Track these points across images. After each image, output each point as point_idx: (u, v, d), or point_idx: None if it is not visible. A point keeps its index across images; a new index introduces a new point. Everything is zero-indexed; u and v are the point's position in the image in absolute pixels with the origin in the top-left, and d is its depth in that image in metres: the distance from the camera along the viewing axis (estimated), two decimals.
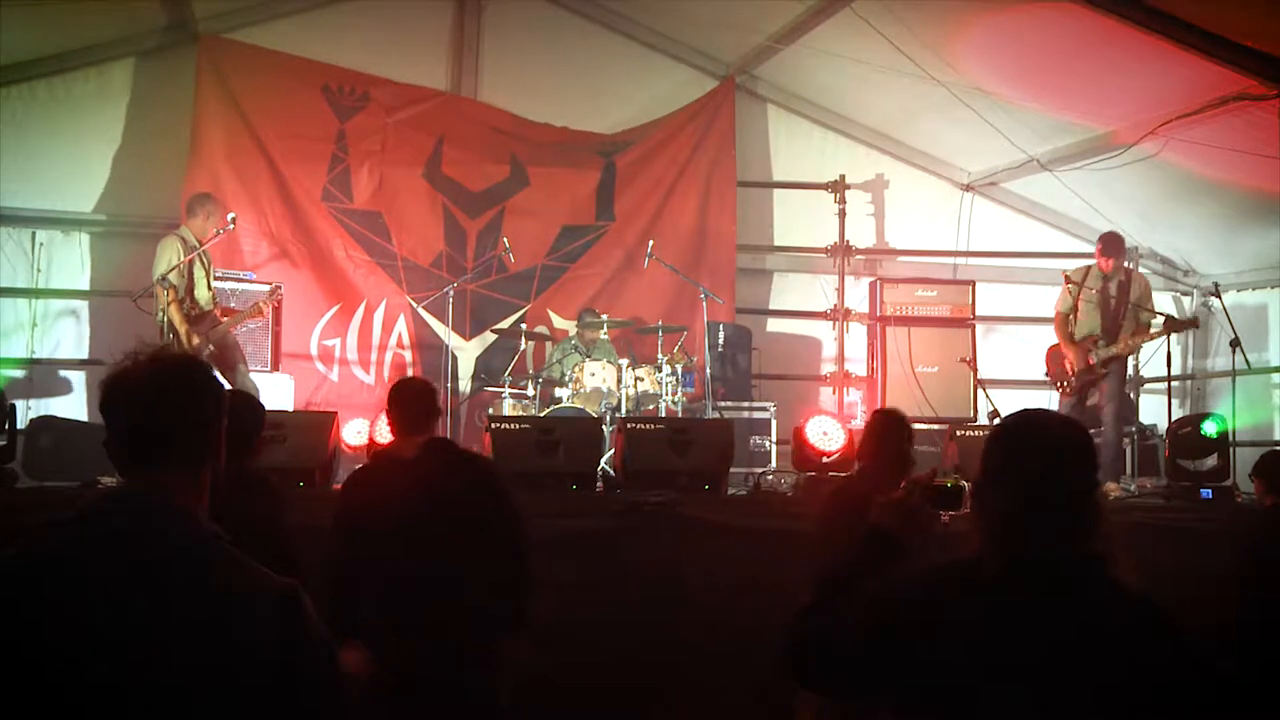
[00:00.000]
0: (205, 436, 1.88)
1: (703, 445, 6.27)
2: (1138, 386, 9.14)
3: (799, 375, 9.67)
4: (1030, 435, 2.08)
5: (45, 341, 8.57)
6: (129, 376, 1.85)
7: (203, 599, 1.71)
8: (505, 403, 7.90)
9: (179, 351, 1.98)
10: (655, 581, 5.60)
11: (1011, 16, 7.41)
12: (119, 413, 1.84)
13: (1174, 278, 10.12)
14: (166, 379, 1.86)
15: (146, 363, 1.88)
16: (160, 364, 1.89)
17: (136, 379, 1.85)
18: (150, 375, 1.85)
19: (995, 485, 2.04)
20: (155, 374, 1.86)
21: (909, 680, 1.95)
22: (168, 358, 1.93)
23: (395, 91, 9.14)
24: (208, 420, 1.89)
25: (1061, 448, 2.04)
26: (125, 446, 1.84)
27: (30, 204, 8.53)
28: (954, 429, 6.89)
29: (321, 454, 6.15)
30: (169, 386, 1.85)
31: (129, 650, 1.65)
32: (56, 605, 1.67)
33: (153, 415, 1.83)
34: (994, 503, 2.02)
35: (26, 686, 1.64)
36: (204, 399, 1.89)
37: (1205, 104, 7.34)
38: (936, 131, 9.49)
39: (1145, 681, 1.90)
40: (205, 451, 1.88)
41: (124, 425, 1.84)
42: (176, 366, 1.91)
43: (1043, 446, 2.04)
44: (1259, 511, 5.37)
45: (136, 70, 8.84)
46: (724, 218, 9.48)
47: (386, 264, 8.94)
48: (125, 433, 1.84)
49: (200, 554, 1.76)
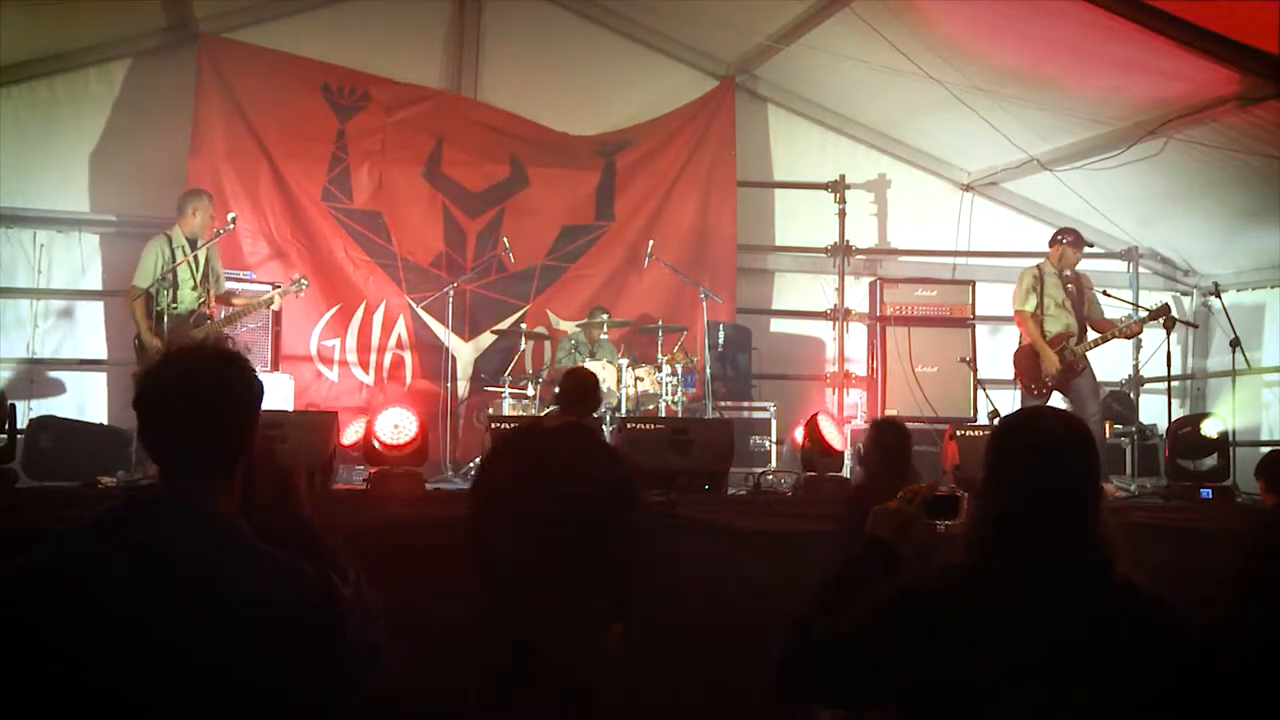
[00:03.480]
0: (241, 434, 1.84)
1: (703, 445, 6.27)
2: (1137, 386, 9.14)
3: (799, 375, 9.67)
4: (1032, 433, 2.08)
5: (45, 341, 8.57)
6: (164, 373, 1.82)
7: (237, 601, 1.68)
8: (505, 403, 7.90)
9: (215, 347, 1.92)
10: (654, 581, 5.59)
11: (1012, 15, 7.41)
12: (154, 410, 1.81)
13: (1174, 278, 10.13)
14: (202, 376, 1.81)
15: (181, 360, 1.84)
16: (196, 360, 1.84)
17: (170, 377, 1.81)
18: (184, 374, 1.81)
19: (998, 484, 2.04)
20: (190, 372, 1.81)
21: (913, 682, 1.95)
22: (204, 354, 1.89)
23: (395, 91, 9.14)
24: (243, 418, 1.85)
25: (1063, 445, 2.04)
26: (160, 444, 1.81)
27: (30, 204, 8.52)
28: (954, 429, 6.88)
29: (321, 454, 6.13)
30: (203, 386, 1.80)
31: (167, 653, 1.63)
32: (86, 609, 1.64)
33: (186, 416, 1.79)
34: (997, 501, 2.02)
35: (64, 689, 1.62)
36: (240, 397, 1.85)
37: (1205, 104, 7.34)
38: (936, 131, 9.49)
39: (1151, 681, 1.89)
40: (240, 449, 1.84)
41: (159, 423, 1.81)
42: (213, 363, 1.85)
43: (1045, 444, 2.04)
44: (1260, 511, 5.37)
45: (137, 70, 8.84)
46: (724, 217, 9.48)
47: (386, 264, 8.93)
48: (160, 431, 1.81)
49: (232, 556, 1.73)
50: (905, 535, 2.21)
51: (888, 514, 2.23)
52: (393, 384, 8.82)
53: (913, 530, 2.21)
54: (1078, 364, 7.33)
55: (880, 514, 2.24)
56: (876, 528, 2.22)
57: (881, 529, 2.22)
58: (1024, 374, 7.55)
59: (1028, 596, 1.93)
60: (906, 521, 2.21)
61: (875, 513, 2.25)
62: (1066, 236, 7.61)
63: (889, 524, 2.22)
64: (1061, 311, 7.44)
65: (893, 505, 2.24)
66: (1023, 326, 7.54)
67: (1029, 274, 7.57)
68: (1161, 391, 8.05)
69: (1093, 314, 7.54)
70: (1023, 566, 1.95)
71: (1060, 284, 7.49)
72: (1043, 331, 7.41)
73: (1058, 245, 7.60)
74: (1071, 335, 7.38)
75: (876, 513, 2.25)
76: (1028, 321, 7.47)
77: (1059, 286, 7.48)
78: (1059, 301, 7.45)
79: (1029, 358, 7.48)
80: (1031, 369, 7.45)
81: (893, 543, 2.20)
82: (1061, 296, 7.46)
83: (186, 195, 7.43)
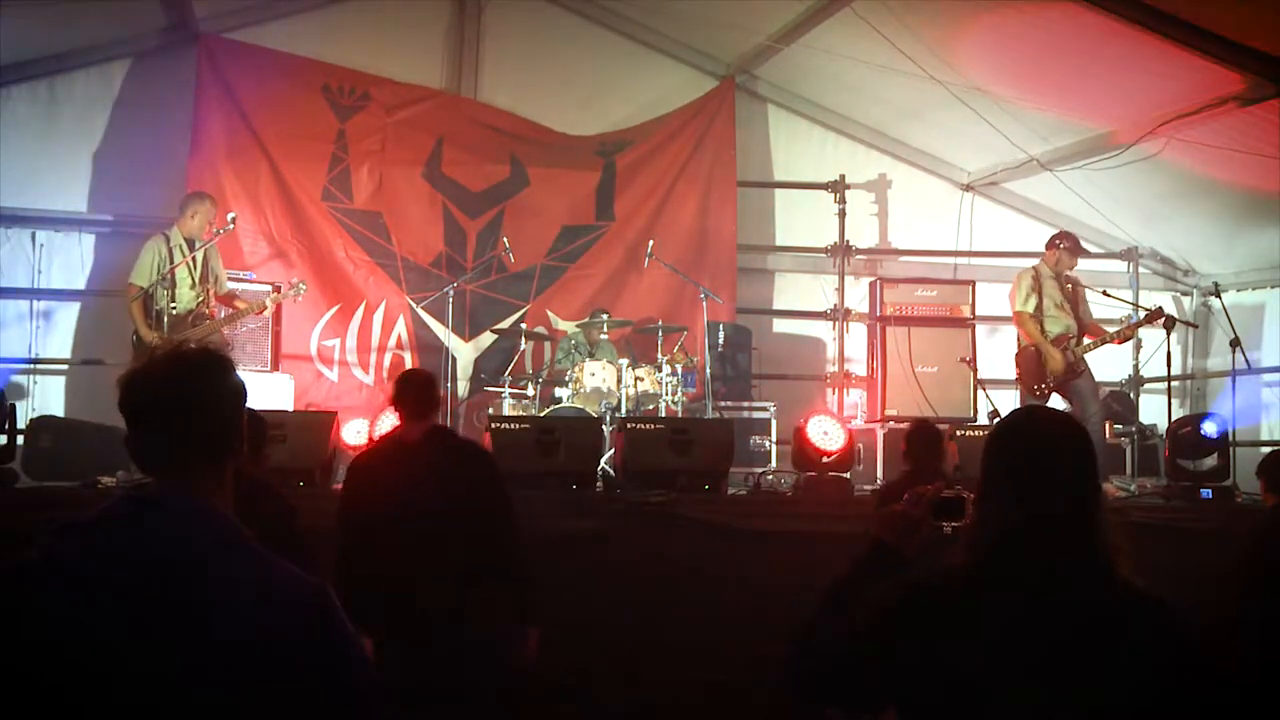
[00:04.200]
0: (228, 432, 1.84)
1: (703, 445, 6.27)
2: (1137, 386, 9.14)
3: (799, 375, 9.67)
4: (1031, 433, 2.08)
5: (45, 341, 8.57)
6: (149, 373, 1.81)
7: (235, 601, 1.68)
8: (505, 403, 7.90)
9: (199, 346, 1.92)
10: (655, 581, 5.60)
11: (1011, 16, 7.41)
12: (139, 411, 1.79)
13: (1174, 278, 10.13)
14: (187, 375, 1.81)
15: (166, 359, 1.84)
16: (180, 360, 1.84)
17: (157, 376, 1.80)
18: (171, 372, 1.81)
19: (998, 484, 2.04)
20: (176, 370, 1.81)
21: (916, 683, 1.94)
22: (188, 353, 1.89)
23: (395, 91, 9.14)
24: (230, 416, 1.84)
25: (1062, 445, 2.04)
26: (147, 445, 1.80)
27: (30, 204, 8.53)
28: (954, 429, 6.88)
29: (321, 454, 6.16)
30: (190, 383, 1.80)
31: (160, 653, 1.63)
32: (86, 607, 1.64)
33: (175, 413, 1.78)
34: (997, 502, 2.02)
35: (56, 690, 1.61)
36: (226, 394, 1.84)
37: (1205, 104, 7.35)
38: (936, 131, 9.49)
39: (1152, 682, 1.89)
40: (229, 448, 1.83)
41: (145, 424, 1.79)
42: (197, 361, 1.85)
43: (1044, 444, 2.04)
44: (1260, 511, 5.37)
45: (137, 70, 8.84)
46: (724, 218, 9.48)
47: (386, 264, 8.93)
48: (147, 431, 1.80)
49: (231, 555, 1.72)
50: (910, 537, 2.20)
51: (893, 516, 2.23)
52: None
53: (918, 532, 2.21)
54: (1078, 365, 7.34)
55: (885, 517, 2.24)
56: (881, 530, 2.22)
57: (886, 531, 2.22)
58: (1027, 374, 7.53)
59: (1028, 597, 1.93)
60: (912, 524, 2.21)
61: (880, 515, 2.25)
62: (1064, 241, 7.62)
63: (894, 526, 2.22)
64: (1060, 313, 7.45)
65: (898, 508, 2.23)
66: (1022, 328, 7.53)
67: (1027, 275, 7.57)
68: (1161, 391, 8.05)
69: (1085, 317, 7.55)
70: (1023, 568, 1.95)
71: (1058, 286, 7.50)
72: (1043, 332, 7.42)
73: (1054, 249, 7.60)
74: (1071, 337, 7.39)
75: (881, 515, 2.25)
76: (1028, 323, 7.46)
77: (1057, 288, 7.49)
78: (1057, 303, 7.45)
79: (1032, 358, 7.46)
80: (1035, 369, 7.44)
81: (897, 545, 2.20)
82: (1060, 298, 7.47)
83: (188, 197, 7.46)
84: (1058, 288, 7.49)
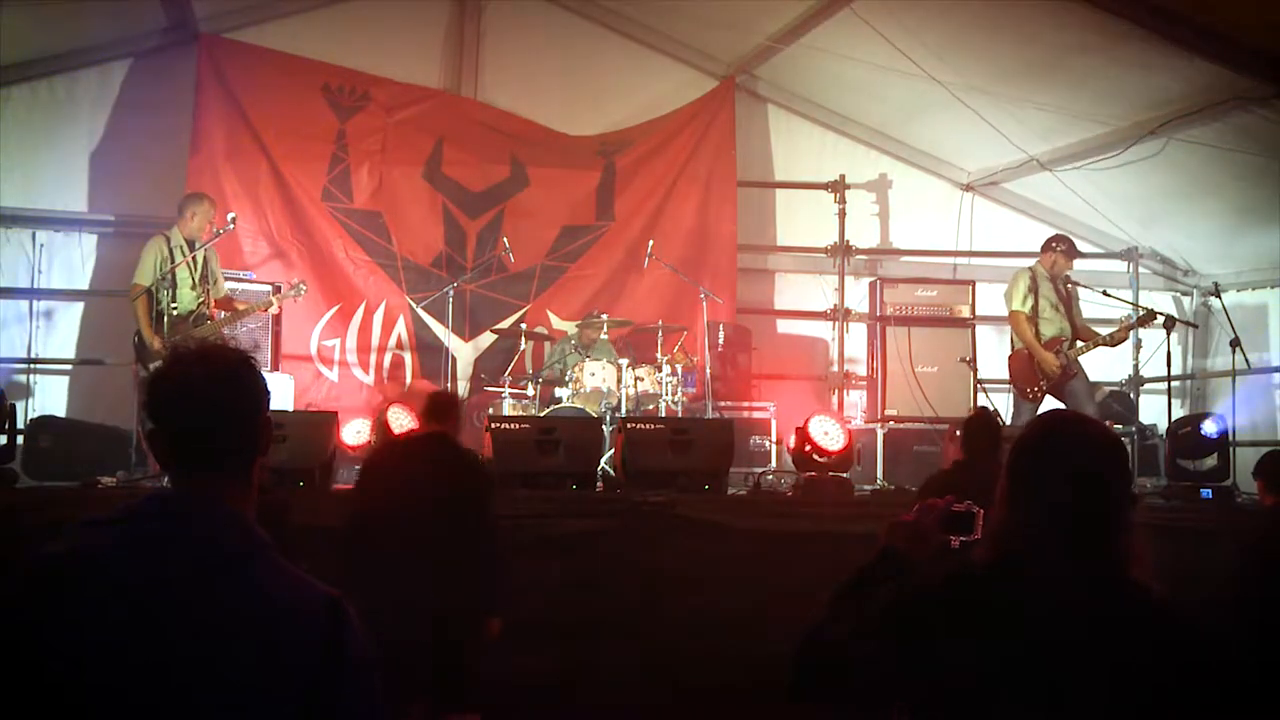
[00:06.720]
0: (257, 434, 1.84)
1: (703, 445, 6.27)
2: (1137, 386, 9.13)
3: (799, 375, 9.67)
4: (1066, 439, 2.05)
5: (45, 341, 8.57)
6: (176, 376, 1.81)
7: (250, 607, 1.68)
8: (505, 403, 7.90)
9: (227, 349, 1.91)
10: (655, 581, 5.59)
11: (1011, 16, 7.41)
12: (167, 413, 1.80)
13: (1174, 278, 10.12)
14: (215, 379, 1.80)
15: (194, 362, 1.83)
16: (209, 363, 1.83)
17: (185, 378, 1.80)
18: (199, 375, 1.80)
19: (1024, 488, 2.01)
20: (205, 374, 1.80)
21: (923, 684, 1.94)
22: (216, 356, 1.87)
23: (395, 91, 9.14)
24: (256, 420, 1.85)
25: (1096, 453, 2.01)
26: (174, 448, 1.79)
27: (30, 204, 8.53)
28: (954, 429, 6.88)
29: (321, 454, 6.15)
30: (218, 387, 1.80)
31: (172, 656, 1.63)
32: (100, 607, 1.63)
33: (202, 417, 1.78)
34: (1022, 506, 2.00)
35: (66, 689, 1.61)
36: (252, 398, 1.85)
37: (1205, 104, 7.35)
38: (936, 131, 9.49)
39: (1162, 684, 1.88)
40: (254, 452, 1.84)
41: (172, 426, 1.79)
42: (226, 365, 1.84)
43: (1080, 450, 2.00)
44: (1259, 511, 5.37)
45: (137, 70, 8.84)
46: (724, 218, 9.47)
47: (386, 264, 8.93)
48: (174, 434, 1.79)
49: (249, 561, 1.72)
50: (919, 547, 2.20)
51: (903, 526, 2.22)
52: (392, 384, 8.82)
53: (927, 543, 2.20)
54: (1071, 367, 7.36)
55: (895, 525, 2.23)
56: (891, 538, 2.21)
57: (896, 540, 2.21)
58: (1019, 378, 7.58)
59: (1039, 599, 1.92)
60: (922, 534, 2.20)
61: (891, 524, 2.24)
62: (1060, 245, 7.64)
63: (903, 535, 2.21)
64: (1055, 314, 7.48)
65: (908, 518, 2.23)
66: (1017, 327, 7.56)
67: (1025, 275, 7.59)
68: (1161, 391, 8.05)
69: (1078, 320, 7.57)
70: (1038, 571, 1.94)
71: (1053, 288, 7.51)
72: (1037, 333, 7.45)
73: (1050, 252, 7.63)
74: (1065, 339, 7.42)
75: (892, 524, 2.24)
76: (1022, 323, 7.49)
77: (1053, 290, 7.52)
78: (1053, 304, 7.48)
79: (1024, 361, 7.50)
80: (1027, 373, 7.47)
81: (906, 554, 2.19)
82: (1055, 300, 7.49)
83: (187, 198, 7.45)
84: (1054, 290, 7.52)
